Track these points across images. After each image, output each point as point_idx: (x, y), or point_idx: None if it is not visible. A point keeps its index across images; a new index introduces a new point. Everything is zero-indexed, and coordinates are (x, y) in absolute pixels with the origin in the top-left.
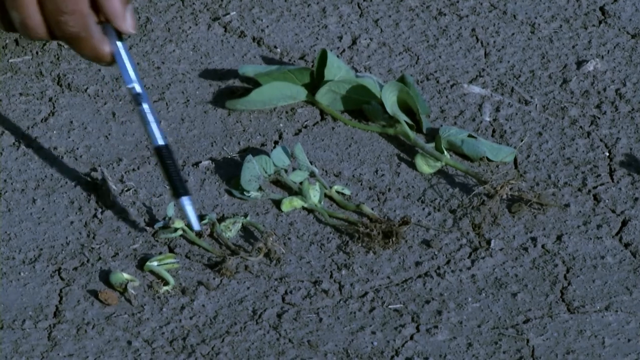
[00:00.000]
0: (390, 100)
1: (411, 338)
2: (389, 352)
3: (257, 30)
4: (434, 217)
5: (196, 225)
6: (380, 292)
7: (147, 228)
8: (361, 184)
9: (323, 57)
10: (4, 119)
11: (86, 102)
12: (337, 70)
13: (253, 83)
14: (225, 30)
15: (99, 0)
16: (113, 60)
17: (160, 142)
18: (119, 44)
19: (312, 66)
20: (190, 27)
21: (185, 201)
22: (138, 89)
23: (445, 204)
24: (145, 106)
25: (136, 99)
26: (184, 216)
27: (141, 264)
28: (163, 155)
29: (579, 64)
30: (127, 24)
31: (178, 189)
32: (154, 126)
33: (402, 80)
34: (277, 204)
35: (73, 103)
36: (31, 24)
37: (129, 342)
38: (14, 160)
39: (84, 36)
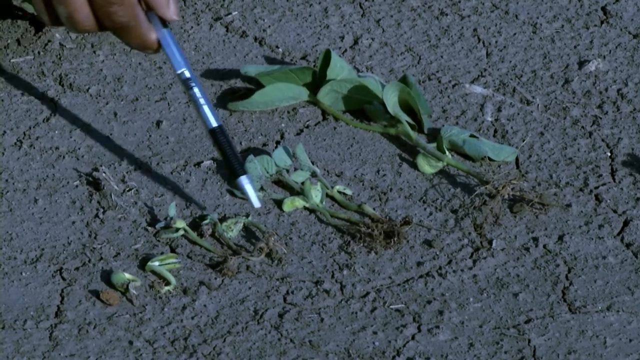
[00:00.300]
0: (391, 100)
1: (413, 338)
2: (390, 352)
3: (259, 30)
4: (436, 217)
5: (256, 203)
6: (382, 292)
7: (149, 228)
8: (363, 184)
9: (327, 57)
10: (6, 118)
11: (88, 102)
12: (340, 70)
13: (255, 83)
14: (227, 30)
15: None
16: (159, 47)
17: (215, 124)
18: (164, 30)
19: (314, 66)
20: (192, 27)
21: (244, 180)
22: (187, 74)
23: (446, 204)
24: (196, 90)
25: (186, 83)
26: (244, 196)
27: (143, 264)
28: (218, 137)
29: (581, 64)
30: (171, 10)
31: (236, 169)
32: (206, 109)
33: (403, 80)
34: (279, 204)
35: (75, 103)
36: (79, 17)
37: (131, 342)
38: (16, 160)
39: (133, 25)
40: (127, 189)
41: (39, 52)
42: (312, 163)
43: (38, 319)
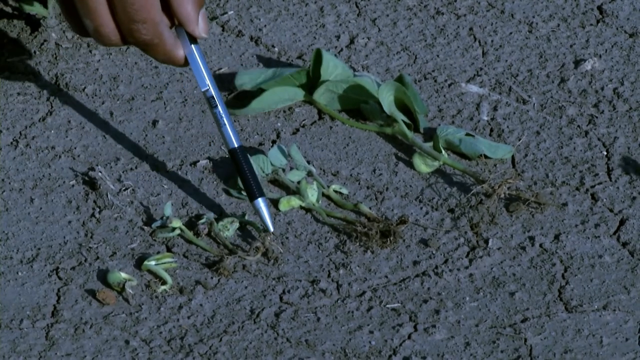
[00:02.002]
0: (387, 99)
1: (409, 337)
2: (386, 351)
3: (255, 29)
4: (432, 217)
5: (271, 227)
6: (378, 291)
7: (145, 227)
8: (359, 183)
9: (318, 57)
10: (2, 118)
11: (84, 102)
12: (333, 68)
13: None
14: (223, 30)
15: (171, 5)
16: (187, 63)
17: (235, 144)
18: (192, 47)
19: (309, 66)
20: None
21: (261, 203)
22: (212, 92)
23: (443, 203)
24: (220, 109)
25: (210, 102)
26: (258, 218)
27: (139, 263)
28: (238, 157)
29: (577, 63)
30: (200, 28)
31: (253, 191)
32: (228, 128)
33: (399, 79)
34: (275, 203)
35: (71, 102)
36: (104, 32)
37: (127, 342)
38: (12, 160)
39: (156, 42)
40: (123, 188)
41: (35, 52)
42: (308, 162)
43: (34, 318)
